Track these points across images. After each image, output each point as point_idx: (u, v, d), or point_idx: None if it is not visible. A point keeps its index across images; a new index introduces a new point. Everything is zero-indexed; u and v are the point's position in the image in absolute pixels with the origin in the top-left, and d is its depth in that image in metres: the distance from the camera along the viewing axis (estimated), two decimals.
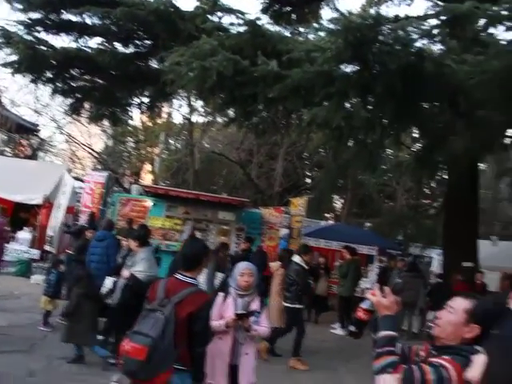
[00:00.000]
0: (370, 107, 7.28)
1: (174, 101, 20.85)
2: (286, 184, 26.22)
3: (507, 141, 12.76)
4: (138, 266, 6.58)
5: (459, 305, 2.63)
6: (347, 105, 6.52)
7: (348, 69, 6.63)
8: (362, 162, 13.85)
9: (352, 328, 3.11)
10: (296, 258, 8.75)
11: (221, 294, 4.77)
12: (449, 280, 12.32)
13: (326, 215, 30.08)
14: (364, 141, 10.77)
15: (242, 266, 4.80)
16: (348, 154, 13.82)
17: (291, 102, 6.62)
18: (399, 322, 11.96)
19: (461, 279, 11.89)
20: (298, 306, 8.46)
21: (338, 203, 30.79)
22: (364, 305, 2.93)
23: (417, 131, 10.09)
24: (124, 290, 6.77)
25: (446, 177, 14.54)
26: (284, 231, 16.20)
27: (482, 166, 24.18)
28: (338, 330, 11.87)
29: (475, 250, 13.24)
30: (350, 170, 14.98)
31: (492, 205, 25.51)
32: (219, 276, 8.96)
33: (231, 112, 10.70)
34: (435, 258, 19.47)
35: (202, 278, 8.77)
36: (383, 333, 2.63)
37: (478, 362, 2.27)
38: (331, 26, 6.44)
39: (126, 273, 6.84)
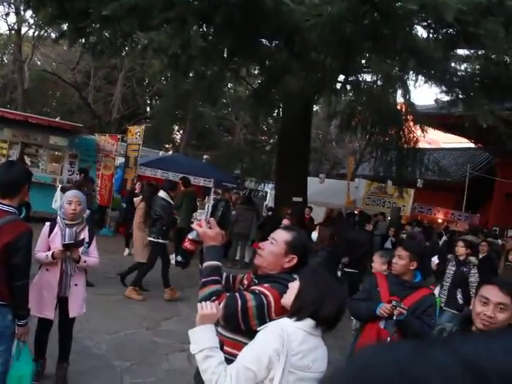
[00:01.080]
0: (210, 38, 7.23)
1: None
2: (125, 111, 25.28)
3: (338, 85, 13.62)
4: None
5: (280, 237, 2.75)
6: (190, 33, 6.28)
7: None
8: (202, 94, 13.86)
9: (179, 258, 3.14)
10: (162, 193, 8.72)
11: (47, 224, 4.49)
12: (279, 213, 13.04)
13: (166, 146, 29.80)
14: (203, 72, 10.70)
15: (70, 194, 4.55)
16: (188, 84, 13.67)
17: (127, 22, 6.21)
18: (233, 253, 12.47)
19: (289, 212, 12.49)
20: (162, 240, 8.48)
21: (177, 134, 30.61)
22: (190, 235, 2.95)
23: (256, 67, 10.20)
24: None
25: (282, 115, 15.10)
26: (120, 160, 15.76)
27: (315, 107, 25.61)
28: (173, 261, 11.98)
29: (305, 186, 14.13)
30: (190, 101, 14.78)
31: (322, 145, 27.26)
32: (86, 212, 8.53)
33: (64, 27, 9.84)
34: (269, 193, 20.43)
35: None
36: (208, 263, 2.69)
37: (292, 288, 2.41)
38: None
39: None
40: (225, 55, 7.42)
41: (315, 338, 2.33)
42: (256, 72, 10.87)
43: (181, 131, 29.40)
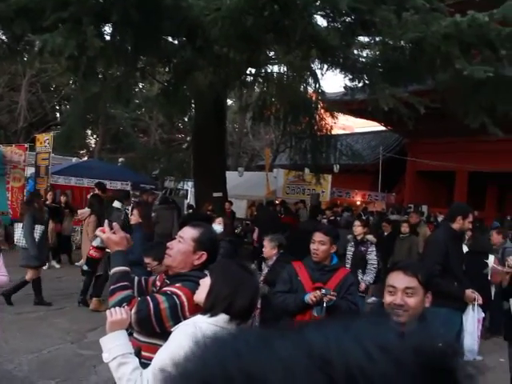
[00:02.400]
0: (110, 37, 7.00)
1: None
2: (32, 119, 24.16)
3: (249, 78, 13.72)
4: None
5: (187, 234, 2.74)
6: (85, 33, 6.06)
7: None
8: (111, 96, 13.49)
9: (85, 267, 3.06)
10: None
11: None
12: (200, 210, 12.99)
13: (80, 151, 28.86)
14: (109, 73, 10.40)
15: None
16: (96, 87, 13.26)
17: (17, 24, 5.90)
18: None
19: (210, 208, 12.46)
20: None
21: (91, 139, 29.71)
22: (95, 243, 2.88)
23: (163, 65, 10.05)
24: None
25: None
26: (30, 170, 15.06)
27: (228, 101, 25.68)
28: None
29: (224, 180, 14.14)
30: (99, 104, 14.34)
31: (239, 138, 27.38)
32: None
33: None
34: (190, 190, 20.27)
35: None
36: (115, 269, 2.65)
37: (204, 285, 2.39)
38: None
39: None
40: (129, 54, 7.22)
41: None
42: (164, 70, 10.67)
43: (94, 135, 28.53)
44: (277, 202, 15.88)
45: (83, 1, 5.26)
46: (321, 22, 7.49)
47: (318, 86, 13.15)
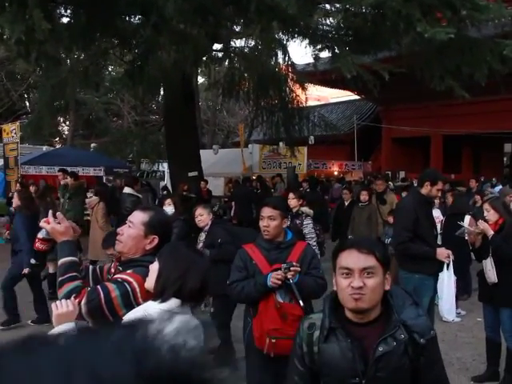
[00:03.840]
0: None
1: None
2: None
3: (215, 54, 13.50)
4: None
5: (137, 218, 2.66)
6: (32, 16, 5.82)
7: None
8: (78, 80, 13.19)
9: (33, 261, 2.95)
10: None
11: None
12: (176, 191, 12.88)
13: (53, 139, 28.40)
14: (67, 57, 10.08)
15: None
16: (61, 72, 12.95)
17: None
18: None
19: (185, 188, 12.37)
20: None
21: (63, 126, 29.21)
22: (40, 234, 2.78)
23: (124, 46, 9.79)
24: None
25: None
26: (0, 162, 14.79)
27: (201, 78, 25.39)
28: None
29: (198, 159, 14.01)
30: (67, 89, 14.02)
31: (213, 115, 27.14)
32: None
33: None
34: (166, 172, 20.10)
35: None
36: (63, 260, 2.56)
37: (153, 270, 2.33)
38: None
39: None
40: (85, 36, 7.00)
41: (184, 317, 2.28)
42: (127, 51, 10.42)
43: (67, 122, 28.04)
44: (253, 177, 15.83)
45: None
46: None
47: (287, 58, 12.98)
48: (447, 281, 4.79)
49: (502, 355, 5.11)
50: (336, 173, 19.87)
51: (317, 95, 43.97)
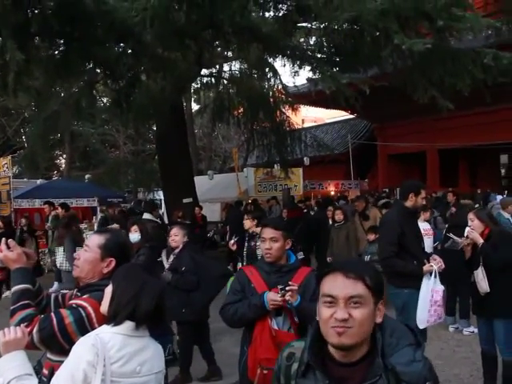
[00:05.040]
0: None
1: None
2: None
3: (204, 79, 13.60)
4: None
5: (93, 241, 2.62)
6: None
7: None
8: (70, 112, 13.26)
9: None
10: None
11: None
12: (171, 217, 12.83)
13: (49, 173, 28.48)
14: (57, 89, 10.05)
15: None
16: (55, 104, 13.06)
17: None
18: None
19: (180, 215, 12.32)
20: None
21: (60, 159, 29.33)
22: None
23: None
24: None
25: None
26: None
27: (195, 105, 25.50)
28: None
29: (193, 185, 14.01)
30: (59, 122, 14.09)
31: (209, 141, 27.23)
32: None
33: None
34: (163, 200, 20.04)
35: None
36: (15, 288, 2.49)
37: (107, 293, 2.26)
38: None
39: None
40: (65, 67, 6.99)
41: (140, 340, 2.19)
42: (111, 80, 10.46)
43: (64, 155, 28.16)
44: (249, 201, 15.79)
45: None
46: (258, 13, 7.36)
47: (277, 80, 13.06)
48: (425, 288, 4.68)
49: (499, 369, 4.96)
50: (333, 193, 19.76)
51: (313, 117, 44.30)
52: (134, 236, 5.81)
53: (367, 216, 9.28)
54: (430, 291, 4.66)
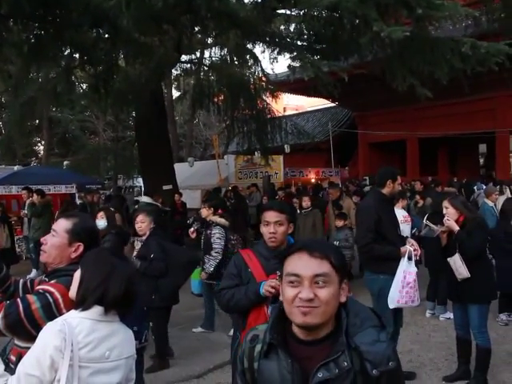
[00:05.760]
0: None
1: None
2: None
3: (184, 65, 13.46)
4: None
5: (60, 226, 2.59)
6: None
7: None
8: (48, 98, 13.07)
9: None
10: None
11: None
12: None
13: (29, 159, 28.12)
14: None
15: None
16: (32, 90, 12.84)
17: None
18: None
19: (160, 202, 12.26)
20: None
21: (39, 145, 28.94)
22: None
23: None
24: None
25: None
26: None
27: (176, 91, 25.29)
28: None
29: (172, 172, 13.93)
30: (37, 108, 13.89)
31: (190, 129, 27.06)
32: None
33: None
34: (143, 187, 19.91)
35: None
36: None
37: (75, 278, 2.22)
38: None
39: None
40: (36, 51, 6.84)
41: (109, 325, 2.16)
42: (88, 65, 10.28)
43: (42, 142, 27.79)
44: (229, 188, 15.78)
45: None
46: None
47: (258, 67, 12.99)
48: (399, 269, 4.74)
49: (473, 353, 5.05)
50: (313, 180, 19.81)
51: (295, 105, 44.32)
52: (101, 222, 5.78)
53: (340, 206, 9.27)
54: (403, 272, 4.72)
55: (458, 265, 4.79)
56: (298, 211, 8.99)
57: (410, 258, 4.77)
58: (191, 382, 5.40)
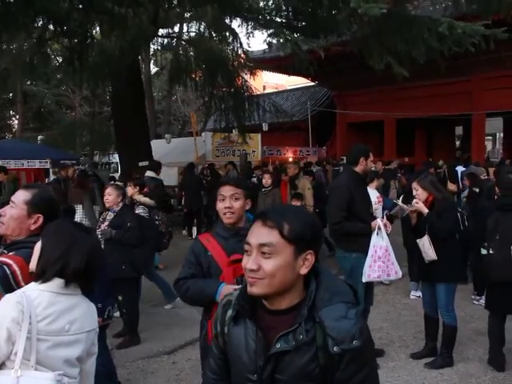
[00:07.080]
0: None
1: None
2: None
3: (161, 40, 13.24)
4: None
5: (19, 197, 2.53)
6: None
7: None
8: (21, 70, 12.76)
9: None
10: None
11: None
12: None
13: (3, 133, 27.61)
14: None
15: None
16: (5, 62, 12.53)
17: None
18: None
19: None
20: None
21: (13, 120, 28.38)
22: None
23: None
24: None
25: None
26: None
27: (154, 67, 24.92)
28: None
29: (149, 149, 13.76)
30: (9, 81, 13.55)
31: (168, 105, 26.74)
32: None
33: None
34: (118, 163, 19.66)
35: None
36: None
37: (36, 250, 2.17)
38: None
39: None
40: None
41: (70, 297, 2.11)
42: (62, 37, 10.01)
43: (17, 116, 27.24)
44: (206, 165, 15.69)
45: None
46: None
47: (237, 44, 12.81)
48: (370, 244, 4.80)
49: (440, 331, 5.13)
50: (291, 159, 19.81)
51: (275, 83, 44.06)
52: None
53: (295, 185, 8.92)
54: (373, 246, 4.76)
55: (427, 247, 4.83)
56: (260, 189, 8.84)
57: (379, 232, 4.80)
58: (162, 357, 5.39)
